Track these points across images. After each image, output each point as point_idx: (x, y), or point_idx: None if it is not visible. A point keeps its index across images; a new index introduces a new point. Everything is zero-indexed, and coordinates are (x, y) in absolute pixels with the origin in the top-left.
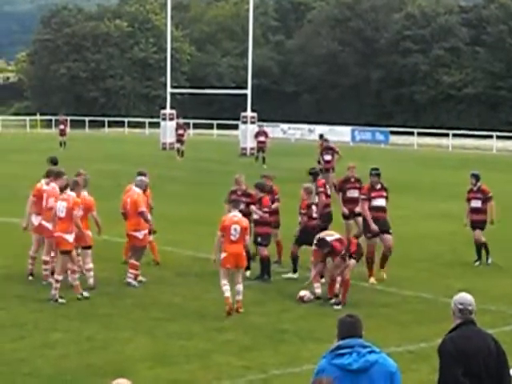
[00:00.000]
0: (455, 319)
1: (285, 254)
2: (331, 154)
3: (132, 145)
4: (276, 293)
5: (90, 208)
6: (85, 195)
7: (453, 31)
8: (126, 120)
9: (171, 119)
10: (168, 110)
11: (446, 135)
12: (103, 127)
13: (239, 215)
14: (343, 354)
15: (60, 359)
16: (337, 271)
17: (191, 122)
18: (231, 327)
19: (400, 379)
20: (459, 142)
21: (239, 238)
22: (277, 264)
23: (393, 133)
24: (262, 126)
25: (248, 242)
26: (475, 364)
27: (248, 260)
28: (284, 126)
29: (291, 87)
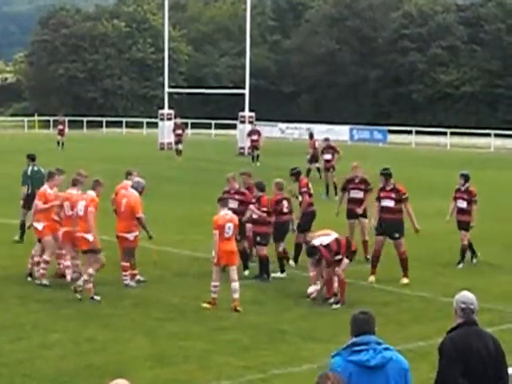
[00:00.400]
0: (457, 318)
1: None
2: (331, 154)
3: (130, 145)
4: (275, 292)
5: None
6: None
7: (450, 30)
8: (124, 120)
9: (169, 119)
10: (166, 110)
11: (444, 134)
12: (101, 127)
13: (230, 213)
14: (360, 351)
15: (59, 360)
16: (332, 271)
17: (189, 122)
18: (230, 327)
19: (411, 377)
20: (457, 141)
21: (231, 236)
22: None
23: (391, 131)
24: (255, 125)
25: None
26: (474, 364)
27: (246, 259)
28: (282, 126)
29: (289, 87)
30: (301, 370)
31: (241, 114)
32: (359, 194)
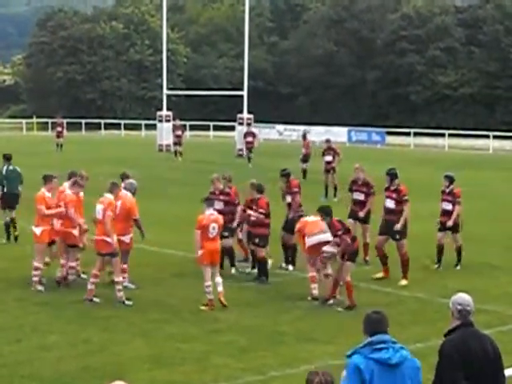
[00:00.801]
0: (453, 320)
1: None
2: (332, 155)
3: (129, 147)
4: (273, 294)
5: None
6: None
7: (448, 31)
8: (123, 122)
9: (167, 121)
10: (164, 112)
11: (443, 135)
12: (99, 129)
13: (215, 213)
14: (380, 349)
15: (57, 362)
16: (341, 271)
17: (187, 124)
18: (228, 329)
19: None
20: (455, 142)
21: (216, 236)
22: (245, 262)
23: (389, 133)
24: (250, 127)
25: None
26: (473, 367)
27: (232, 258)
28: (280, 128)
29: (287, 88)
30: (299, 372)
31: (239, 116)
32: (361, 197)
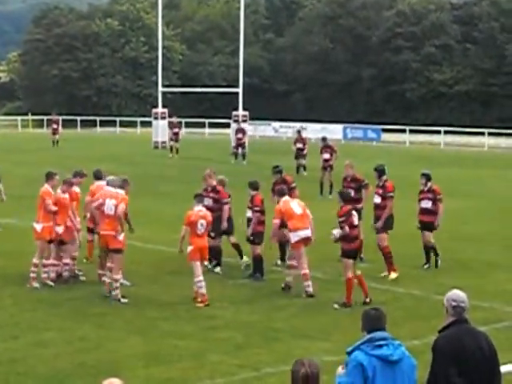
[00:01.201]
0: (448, 317)
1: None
2: (330, 153)
3: (124, 144)
4: (269, 291)
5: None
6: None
7: (444, 28)
8: (118, 119)
9: (163, 118)
10: (160, 109)
11: (438, 132)
12: (95, 127)
13: (204, 210)
14: (381, 346)
15: (53, 359)
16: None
17: (183, 121)
18: (224, 326)
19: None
20: (451, 139)
21: (204, 232)
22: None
23: (384, 130)
24: (240, 124)
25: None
26: (467, 363)
27: (219, 256)
28: (275, 125)
29: (283, 85)
30: None
31: (234, 113)
32: (350, 193)
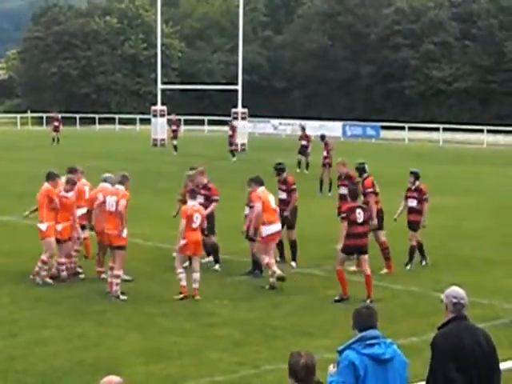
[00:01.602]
0: (447, 313)
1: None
2: (327, 150)
3: (123, 141)
4: (267, 288)
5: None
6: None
7: (443, 26)
8: (117, 117)
9: (162, 115)
10: (159, 107)
11: (437, 130)
12: (94, 124)
13: (197, 204)
14: (373, 345)
15: (52, 356)
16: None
17: (182, 119)
18: (223, 323)
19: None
20: (450, 137)
21: (198, 226)
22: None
23: (383, 127)
24: (231, 121)
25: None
26: (466, 360)
27: (216, 253)
28: (275, 122)
29: (282, 83)
30: None
31: (233, 111)
32: (344, 191)
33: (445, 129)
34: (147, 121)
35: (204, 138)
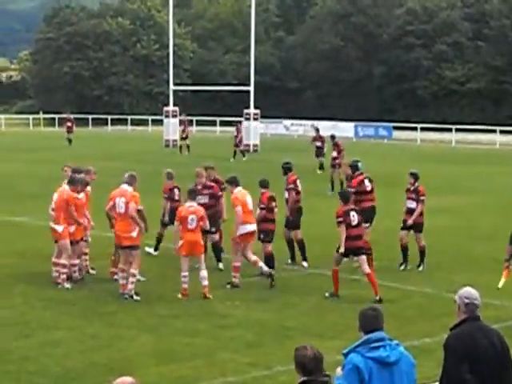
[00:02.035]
0: (460, 314)
1: (282, 250)
2: (337, 151)
3: (135, 142)
4: (279, 289)
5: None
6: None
7: (455, 26)
8: (129, 118)
9: (174, 116)
10: (171, 107)
11: (449, 130)
12: (106, 125)
13: (195, 205)
14: (378, 347)
15: (65, 357)
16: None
17: (194, 119)
18: (235, 324)
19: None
20: (462, 137)
21: (195, 227)
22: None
23: (396, 128)
24: (237, 122)
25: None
26: (479, 361)
27: (218, 252)
28: (287, 123)
29: (294, 83)
30: None
31: (246, 111)
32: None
33: (457, 129)
34: (159, 122)
35: (216, 139)
